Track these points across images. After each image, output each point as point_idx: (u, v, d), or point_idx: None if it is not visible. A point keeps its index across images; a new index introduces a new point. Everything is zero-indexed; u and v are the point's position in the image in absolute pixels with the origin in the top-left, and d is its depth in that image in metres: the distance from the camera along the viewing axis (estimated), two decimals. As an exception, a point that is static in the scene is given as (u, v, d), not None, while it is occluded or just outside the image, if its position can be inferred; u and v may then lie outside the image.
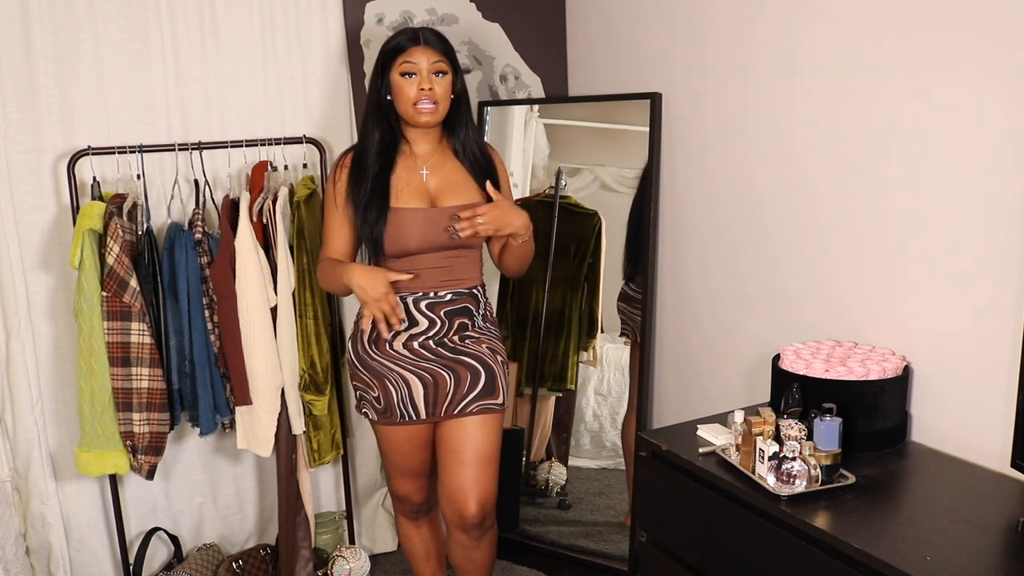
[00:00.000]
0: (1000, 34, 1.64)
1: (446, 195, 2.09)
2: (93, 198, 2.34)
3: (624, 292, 2.72)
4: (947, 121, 1.76)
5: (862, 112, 1.95)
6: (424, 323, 2.10)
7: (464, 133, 2.15)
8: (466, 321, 2.14)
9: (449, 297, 2.11)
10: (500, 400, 2.15)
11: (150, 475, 2.37)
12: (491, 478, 2.14)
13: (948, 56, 1.74)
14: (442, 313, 2.10)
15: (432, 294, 2.09)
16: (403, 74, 2.04)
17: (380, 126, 2.10)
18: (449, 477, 2.13)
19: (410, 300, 2.09)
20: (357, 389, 2.18)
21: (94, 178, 2.36)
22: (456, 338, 2.12)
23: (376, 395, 2.13)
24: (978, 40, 1.68)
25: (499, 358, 2.17)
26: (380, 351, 2.11)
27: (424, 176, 2.10)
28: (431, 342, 2.10)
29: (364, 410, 2.18)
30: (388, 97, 2.08)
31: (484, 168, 2.15)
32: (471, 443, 2.11)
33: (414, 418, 2.12)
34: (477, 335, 2.16)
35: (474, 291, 2.16)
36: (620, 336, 2.75)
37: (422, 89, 2.02)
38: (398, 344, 2.10)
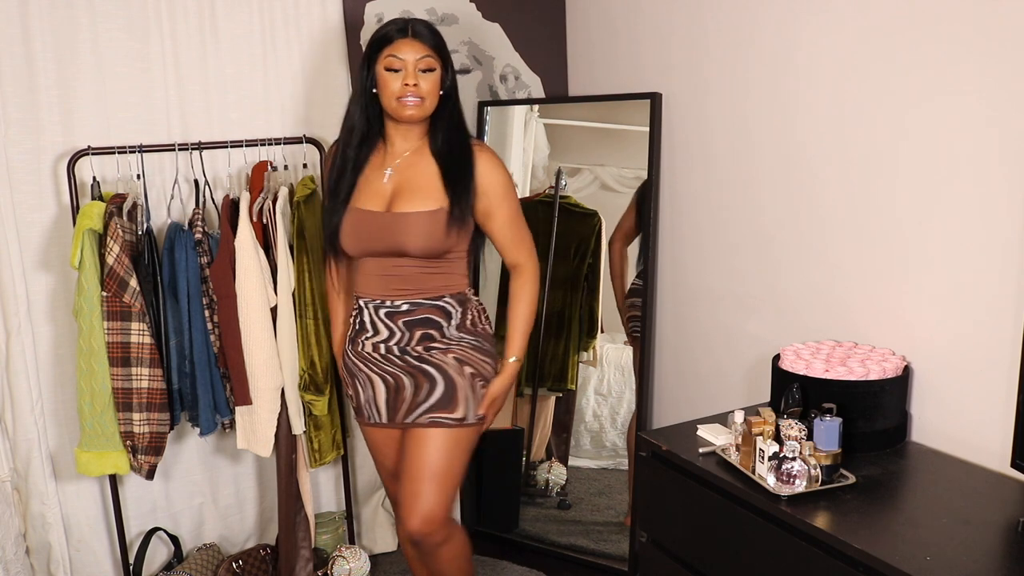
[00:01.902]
0: (1001, 35, 1.64)
1: (401, 199, 1.98)
2: (93, 198, 2.34)
3: (635, 288, 2.71)
4: (948, 122, 1.76)
5: (863, 112, 1.95)
6: (384, 332, 2.04)
7: (447, 132, 2.01)
8: (431, 332, 2.03)
9: (405, 307, 2.02)
10: (458, 415, 2.01)
11: (150, 475, 2.37)
12: (436, 494, 2.00)
13: (950, 57, 1.74)
14: (400, 323, 2.03)
15: (388, 303, 2.02)
16: (388, 68, 1.93)
17: (361, 118, 2.03)
18: (398, 487, 2.10)
19: (371, 306, 2.05)
20: (345, 387, 2.21)
21: (94, 178, 2.36)
22: (420, 348, 2.03)
23: (350, 393, 2.15)
24: (980, 41, 1.68)
25: (467, 370, 2.04)
26: (353, 351, 2.11)
27: (386, 177, 2.01)
28: (395, 348, 2.05)
29: (353, 407, 2.21)
30: (373, 89, 1.99)
31: (463, 169, 1.99)
32: (419, 456, 2.01)
33: (377, 420, 2.11)
34: (445, 345, 2.04)
35: (443, 302, 2.03)
36: (632, 332, 2.72)
37: (407, 85, 1.92)
38: (368, 346, 2.07)
